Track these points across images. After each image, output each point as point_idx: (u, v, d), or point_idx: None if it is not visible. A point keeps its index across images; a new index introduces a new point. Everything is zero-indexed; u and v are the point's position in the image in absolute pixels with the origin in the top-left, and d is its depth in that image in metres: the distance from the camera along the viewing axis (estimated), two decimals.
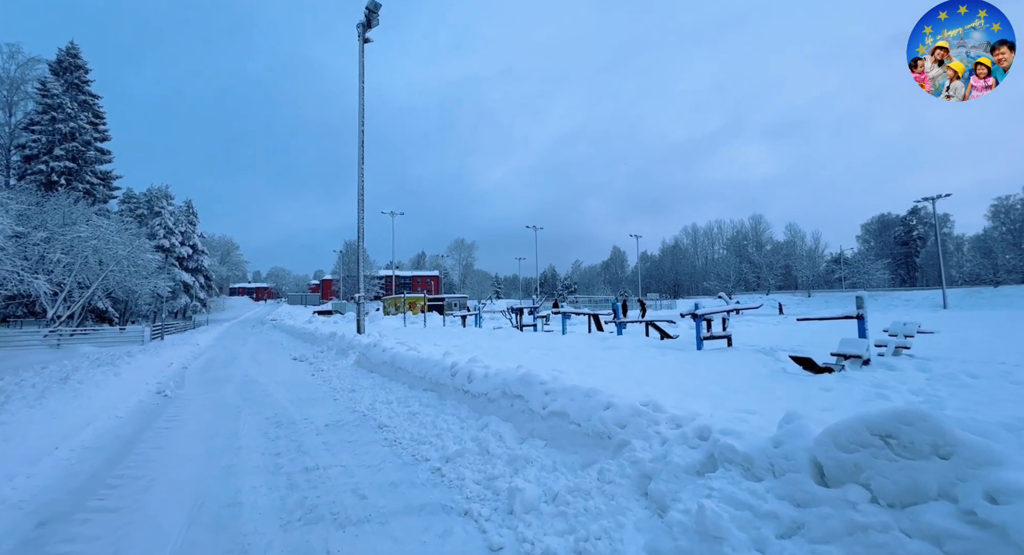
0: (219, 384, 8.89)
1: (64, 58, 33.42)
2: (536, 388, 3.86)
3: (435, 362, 5.96)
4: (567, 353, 8.61)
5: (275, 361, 12.63)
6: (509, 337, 12.71)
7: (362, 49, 17.49)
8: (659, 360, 7.46)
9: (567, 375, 4.04)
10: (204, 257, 54.13)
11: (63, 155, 31.68)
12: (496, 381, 4.36)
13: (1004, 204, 69.51)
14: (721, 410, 3.94)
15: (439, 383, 5.44)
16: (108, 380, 7.53)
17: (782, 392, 4.72)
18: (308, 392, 7.62)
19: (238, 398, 7.37)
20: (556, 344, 10.19)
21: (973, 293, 48.88)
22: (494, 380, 4.41)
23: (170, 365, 11.76)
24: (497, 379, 4.38)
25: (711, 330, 8.65)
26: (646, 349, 8.66)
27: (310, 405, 6.58)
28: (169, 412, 6.45)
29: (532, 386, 3.91)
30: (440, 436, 4.34)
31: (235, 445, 4.72)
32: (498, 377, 4.39)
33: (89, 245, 21.99)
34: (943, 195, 46.82)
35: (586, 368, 6.67)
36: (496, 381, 4.36)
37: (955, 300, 46.58)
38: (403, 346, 7.94)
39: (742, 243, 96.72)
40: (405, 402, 5.82)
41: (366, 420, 5.48)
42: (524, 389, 3.96)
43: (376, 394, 6.64)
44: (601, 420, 3.04)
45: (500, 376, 4.39)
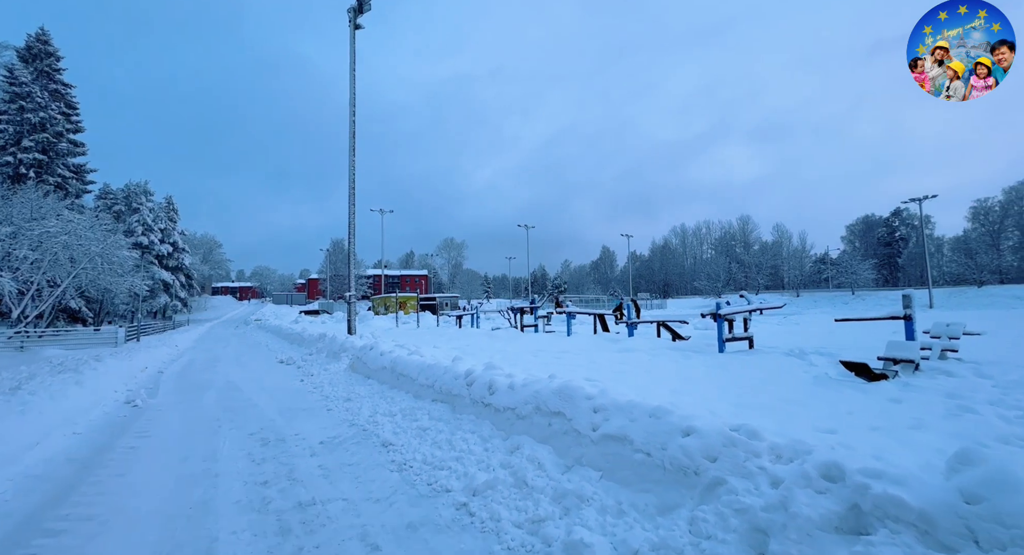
0: (197, 391, 8.05)
1: (34, 44, 31.72)
2: (581, 404, 3.20)
3: (444, 369, 5.26)
4: (581, 357, 7.97)
5: (260, 365, 11.76)
6: (512, 339, 12.04)
7: (353, 35, 16.66)
8: (684, 364, 6.87)
9: (613, 387, 3.39)
10: (185, 255, 52.33)
11: (32, 147, 30.07)
12: (526, 394, 3.70)
13: (983, 206, 71.28)
14: (793, 428, 3.33)
15: (452, 394, 4.75)
16: (67, 389, 6.66)
17: (848, 405, 4.15)
18: (298, 401, 6.86)
19: (218, 408, 6.57)
20: (565, 346, 9.55)
21: (958, 293, 49.78)
22: (523, 392, 3.74)
23: (144, 370, 10.83)
24: (526, 391, 3.71)
25: (732, 331, 8.13)
26: (665, 352, 8.08)
27: (301, 417, 5.83)
28: (138, 426, 5.64)
29: (575, 401, 3.25)
30: (460, 460, 3.65)
31: (213, 470, 3.97)
32: (527, 389, 3.73)
33: (59, 241, 20.66)
34: (929, 196, 47.50)
35: (610, 374, 6.04)
36: (526, 394, 3.70)
37: (940, 300, 47.31)
38: (403, 349, 7.22)
39: (730, 243, 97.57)
40: (411, 414, 5.11)
41: (367, 436, 4.76)
42: (565, 405, 3.30)
43: (376, 404, 5.91)
44: (683, 450, 2.40)
45: (530, 388, 3.72)
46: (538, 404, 3.52)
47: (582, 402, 3.21)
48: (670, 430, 2.56)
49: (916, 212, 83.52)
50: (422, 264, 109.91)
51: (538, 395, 3.57)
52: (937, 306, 44.81)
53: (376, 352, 7.63)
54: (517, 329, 15.90)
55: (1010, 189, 69.62)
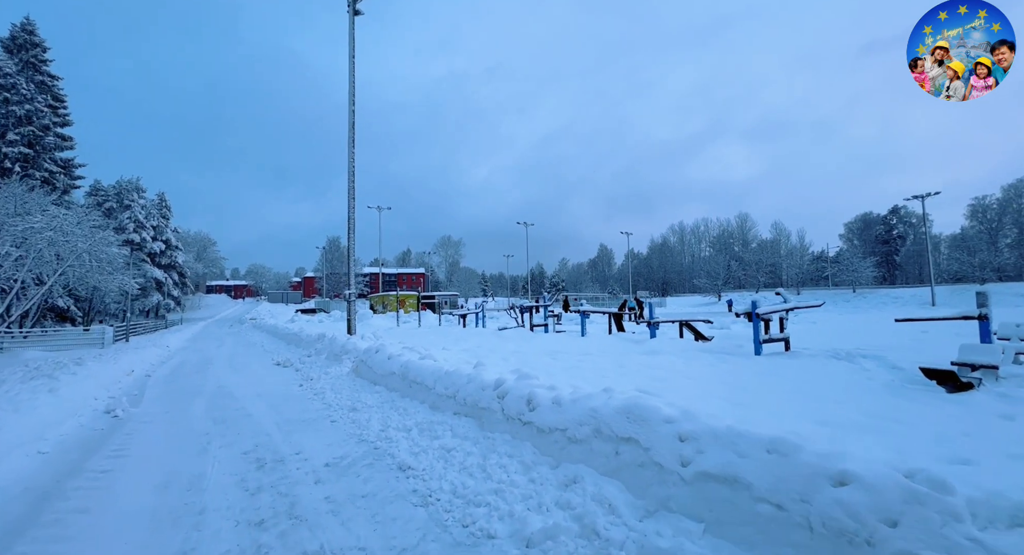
0: (186, 399, 7.34)
1: (18, 34, 30.69)
2: (659, 429, 2.55)
3: (467, 377, 4.59)
4: (605, 360, 7.32)
5: (255, 367, 11.04)
6: (524, 339, 11.37)
7: (352, 21, 15.89)
8: (724, 369, 6.24)
9: (696, 406, 2.73)
10: (178, 253, 51.31)
11: (18, 140, 29.06)
12: (578, 412, 3.04)
13: (981, 204, 71.27)
14: (914, 457, 2.68)
15: (479, 407, 4.08)
16: (38, 399, 5.94)
17: (954, 423, 3.51)
18: (297, 410, 6.17)
19: (208, 420, 5.87)
20: (585, 347, 8.90)
21: (960, 290, 49.51)
22: (574, 410, 3.08)
23: (130, 373, 10.08)
24: (579, 409, 3.05)
25: (768, 332, 7.51)
26: (697, 354, 7.45)
27: (301, 430, 5.14)
28: (115, 442, 4.94)
29: (651, 425, 2.60)
30: (501, 493, 2.98)
31: (197, 505, 3.28)
32: (580, 406, 3.07)
33: (44, 237, 19.78)
34: (932, 193, 47.20)
35: (648, 381, 5.39)
36: (578, 412, 3.04)
37: (942, 297, 47.05)
38: (414, 353, 6.55)
39: (728, 241, 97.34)
40: (430, 430, 4.44)
41: (380, 457, 4.08)
42: (636, 429, 2.64)
43: (387, 416, 5.23)
44: (841, 506, 1.74)
45: (583, 405, 3.06)
46: (598, 426, 2.87)
47: (660, 427, 2.56)
48: (810, 474, 1.91)
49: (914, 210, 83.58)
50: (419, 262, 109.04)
51: (596, 415, 2.91)
52: (940, 304, 44.54)
53: (383, 355, 6.94)
54: (524, 328, 15.23)
55: (1008, 187, 69.70)
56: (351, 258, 14.52)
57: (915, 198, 48.27)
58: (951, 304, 43.39)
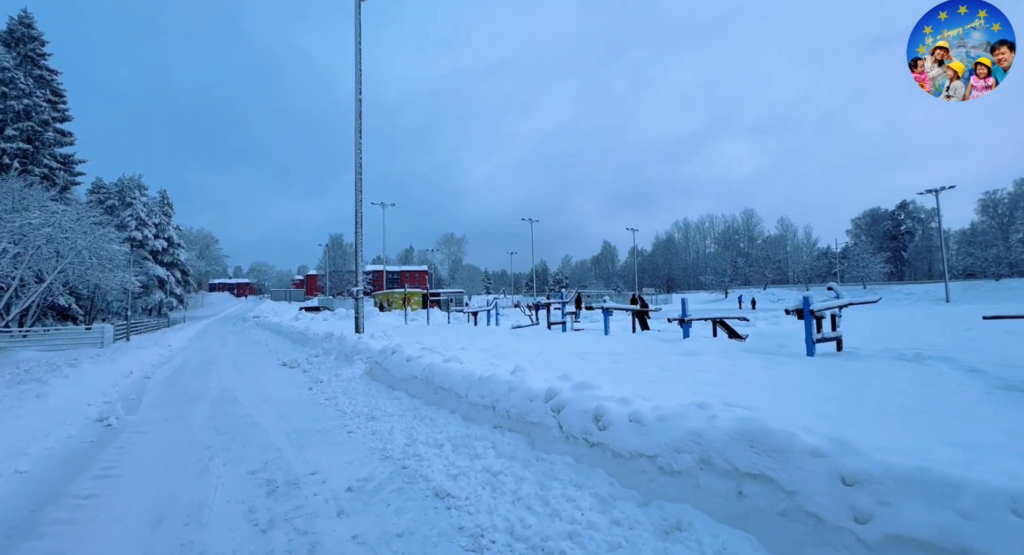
0: (187, 404, 6.76)
1: (16, 28, 30.12)
2: (804, 464, 1.90)
3: (508, 385, 3.97)
4: (644, 362, 6.70)
5: (260, 368, 10.47)
6: (544, 338, 10.74)
7: (358, 6, 15.23)
8: (783, 372, 5.61)
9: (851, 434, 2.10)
10: (180, 251, 50.86)
11: (16, 136, 28.54)
12: (670, 434, 2.42)
13: (992, 198, 70.14)
14: None
15: (527, 421, 3.47)
16: (24, 406, 5.36)
17: None
18: (308, 418, 5.57)
19: (210, 429, 5.28)
20: (614, 347, 8.27)
21: (974, 286, 48.65)
22: (663, 431, 2.46)
23: (128, 375, 9.52)
24: (670, 430, 2.43)
25: (821, 330, 6.88)
26: (741, 355, 6.82)
27: (315, 443, 4.55)
28: (105, 459, 4.35)
29: (790, 458, 1.95)
30: (576, 538, 2.37)
31: (197, 546, 2.68)
32: (670, 427, 2.44)
33: (42, 233, 19.22)
34: (945, 187, 46.25)
35: (705, 387, 4.77)
36: (670, 434, 2.42)
37: (956, 294, 46.20)
38: (436, 354, 5.95)
39: (733, 238, 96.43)
40: (467, 446, 3.83)
41: (411, 479, 3.48)
42: (768, 463, 2.02)
43: (412, 427, 4.62)
44: None
45: (674, 425, 2.44)
46: (705, 455, 2.25)
47: (805, 461, 1.93)
48: None
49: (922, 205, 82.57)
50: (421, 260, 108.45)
51: (700, 440, 2.29)
52: (954, 300, 43.72)
53: (401, 357, 6.34)
54: (539, 326, 14.61)
55: (1021, 181, 68.54)
56: (359, 253, 13.91)
57: (928, 192, 47.36)
58: (965, 300, 42.55)
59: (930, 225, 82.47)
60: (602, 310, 11.76)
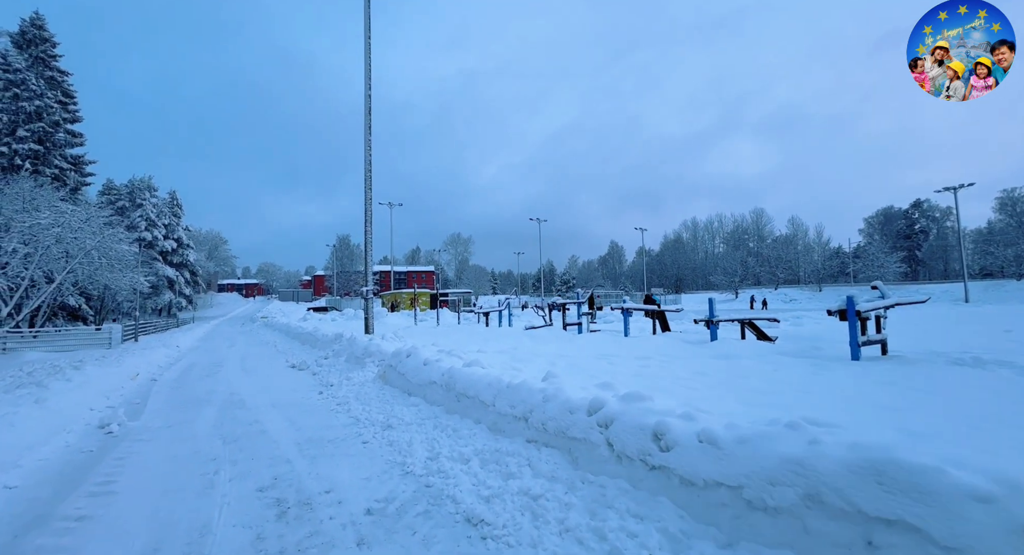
0: (193, 409, 6.44)
1: (28, 29, 30.25)
2: (965, 511, 1.40)
3: (539, 392, 3.56)
4: (675, 367, 6.26)
5: (269, 370, 10.17)
6: (561, 339, 10.32)
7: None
8: (833, 379, 5.15)
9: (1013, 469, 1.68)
10: (190, 251, 51.05)
11: (28, 136, 28.68)
12: (757, 460, 2.00)
13: (1010, 196, 68.48)
14: None
15: (568, 436, 3.06)
16: (19, 412, 5.05)
17: None
18: (319, 425, 5.21)
19: (217, 438, 4.94)
20: (639, 350, 7.84)
21: (995, 286, 47.38)
22: (746, 456, 2.04)
23: (135, 377, 9.25)
24: (756, 455, 2.01)
25: (865, 332, 6.40)
26: (778, 360, 6.36)
27: (329, 455, 4.18)
28: (101, 473, 4.01)
29: (942, 502, 1.50)
30: None
31: None
32: (755, 450, 2.02)
33: (51, 233, 19.17)
34: (964, 184, 45.08)
35: (753, 397, 4.33)
36: (757, 460, 2.00)
37: (975, 294, 45.00)
38: (454, 358, 5.57)
39: (742, 237, 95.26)
40: (498, 463, 3.43)
41: (438, 500, 3.09)
42: (909, 506, 1.53)
43: (434, 439, 4.24)
44: None
45: (761, 448, 2.02)
46: (812, 490, 1.83)
47: (967, 507, 1.48)
48: None
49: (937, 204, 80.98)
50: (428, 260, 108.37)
51: (803, 470, 1.87)
52: (974, 300, 42.57)
53: (417, 360, 5.96)
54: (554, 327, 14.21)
55: None
56: (369, 252, 13.59)
57: (947, 190, 46.18)
58: (986, 300, 41.41)
59: (945, 224, 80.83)
60: (621, 311, 11.31)
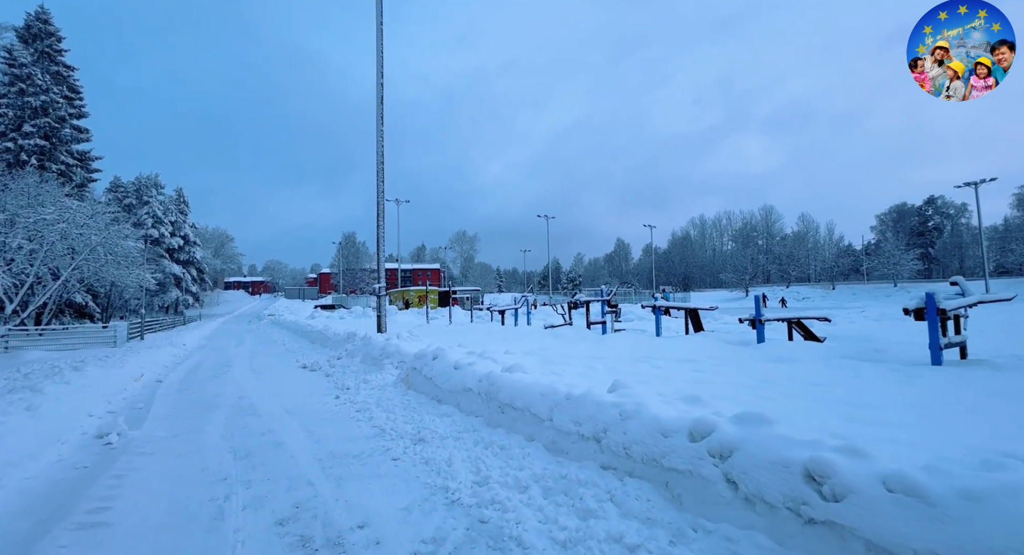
0: (200, 415, 5.90)
1: (33, 24, 29.90)
2: None
3: (615, 408, 2.94)
4: (728, 370, 5.64)
5: (279, 371, 9.64)
6: (588, 340, 9.69)
7: None
8: (924, 389, 4.52)
9: None
10: (196, 249, 50.83)
11: (34, 132, 28.37)
12: (1002, 530, 1.41)
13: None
14: None
15: (665, 466, 2.43)
16: (7, 422, 4.51)
17: None
18: (341, 436, 4.64)
19: (227, 451, 4.38)
20: (678, 351, 7.20)
21: (1016, 284, 46.12)
22: (984, 521, 1.43)
23: (138, 378, 8.75)
24: (1002, 522, 1.41)
25: (946, 334, 5.74)
26: (841, 364, 5.71)
27: (356, 476, 3.60)
28: (94, 497, 3.45)
29: None
30: None
31: None
32: (997, 513, 1.43)
33: (56, 229, 18.77)
34: (985, 180, 43.90)
35: (842, 409, 3.70)
36: (1002, 530, 1.41)
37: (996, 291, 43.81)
38: (489, 361, 4.98)
39: (751, 235, 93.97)
40: (568, 494, 2.83)
41: (500, 544, 2.49)
42: None
43: (478, 458, 3.64)
44: None
45: (1003, 508, 1.43)
46: None
47: None
48: None
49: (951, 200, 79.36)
50: (433, 258, 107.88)
51: None
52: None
53: (446, 363, 5.37)
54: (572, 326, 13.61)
55: None
56: (381, 247, 13.02)
57: (967, 185, 45.04)
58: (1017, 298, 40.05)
59: (959, 221, 79.26)
60: (653, 309, 10.65)
